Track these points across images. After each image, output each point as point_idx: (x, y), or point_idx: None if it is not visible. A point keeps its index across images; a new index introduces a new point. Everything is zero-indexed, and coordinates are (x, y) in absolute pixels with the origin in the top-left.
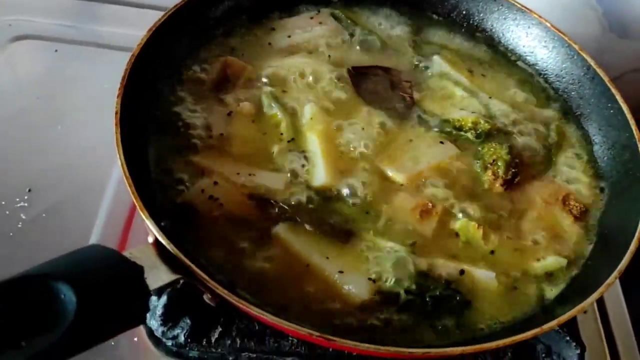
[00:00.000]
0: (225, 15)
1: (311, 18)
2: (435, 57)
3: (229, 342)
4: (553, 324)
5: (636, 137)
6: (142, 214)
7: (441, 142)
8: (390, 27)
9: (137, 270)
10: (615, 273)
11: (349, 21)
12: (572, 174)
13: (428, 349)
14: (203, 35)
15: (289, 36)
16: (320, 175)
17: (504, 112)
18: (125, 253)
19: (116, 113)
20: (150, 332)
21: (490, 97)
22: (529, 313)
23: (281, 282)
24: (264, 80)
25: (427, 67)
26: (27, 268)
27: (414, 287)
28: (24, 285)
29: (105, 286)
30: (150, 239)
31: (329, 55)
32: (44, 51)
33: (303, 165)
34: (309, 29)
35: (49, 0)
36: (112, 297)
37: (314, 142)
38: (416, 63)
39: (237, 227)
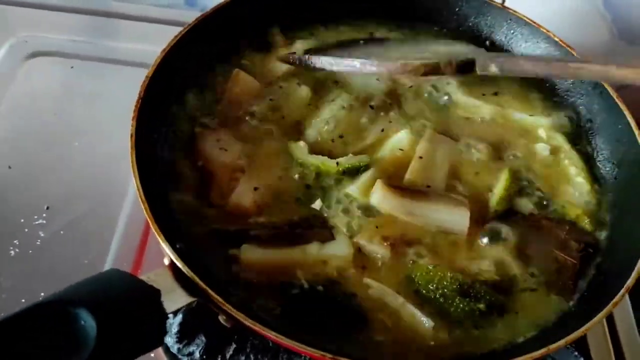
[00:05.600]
0: (242, 31)
1: None
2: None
3: (242, 358)
4: (561, 343)
5: None
6: (158, 237)
7: None
8: None
9: (154, 294)
10: (623, 291)
11: None
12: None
13: None
14: (220, 51)
15: None
16: None
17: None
18: (143, 277)
19: (131, 136)
20: (167, 349)
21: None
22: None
23: None
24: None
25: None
26: (47, 285)
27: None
28: (45, 313)
29: (124, 311)
30: (166, 261)
31: None
32: (60, 67)
33: None
34: None
35: (65, 16)
36: (130, 322)
37: None
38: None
39: None
